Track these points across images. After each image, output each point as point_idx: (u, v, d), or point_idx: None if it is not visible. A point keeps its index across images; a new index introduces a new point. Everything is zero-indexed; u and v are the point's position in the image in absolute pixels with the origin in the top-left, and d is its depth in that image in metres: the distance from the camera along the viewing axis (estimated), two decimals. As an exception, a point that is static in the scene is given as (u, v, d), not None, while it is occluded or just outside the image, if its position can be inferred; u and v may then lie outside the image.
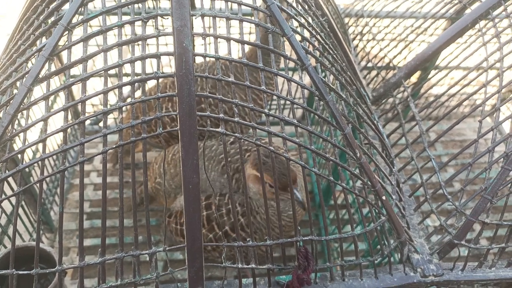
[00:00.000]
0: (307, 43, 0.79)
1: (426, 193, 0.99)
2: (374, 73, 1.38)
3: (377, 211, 0.86)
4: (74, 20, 0.68)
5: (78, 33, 0.68)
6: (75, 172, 1.72)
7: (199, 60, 1.45)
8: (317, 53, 0.81)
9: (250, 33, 1.71)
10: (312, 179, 1.75)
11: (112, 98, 1.69)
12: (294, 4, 0.81)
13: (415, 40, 1.40)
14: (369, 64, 1.40)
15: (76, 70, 0.69)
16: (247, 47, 1.30)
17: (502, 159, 0.91)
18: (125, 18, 0.69)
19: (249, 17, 0.73)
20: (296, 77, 1.50)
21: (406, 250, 0.91)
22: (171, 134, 1.38)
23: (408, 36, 1.42)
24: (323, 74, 0.83)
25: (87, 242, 1.54)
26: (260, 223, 1.16)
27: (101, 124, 1.78)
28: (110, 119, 1.91)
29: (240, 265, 0.79)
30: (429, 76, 1.70)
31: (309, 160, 1.79)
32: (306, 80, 1.64)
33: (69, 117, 0.69)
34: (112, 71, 0.68)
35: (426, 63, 1.19)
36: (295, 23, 0.78)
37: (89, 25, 0.70)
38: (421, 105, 2.01)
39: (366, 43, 1.46)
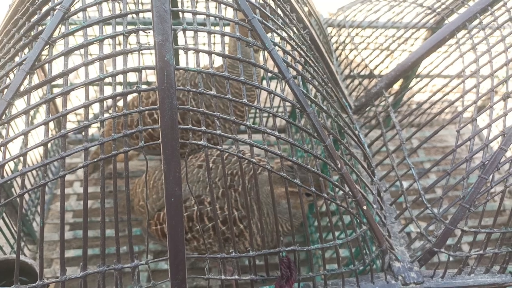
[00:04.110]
0: (288, 56, 0.80)
1: (406, 201, 1.00)
2: (357, 81, 1.41)
3: (358, 220, 0.87)
4: (56, 34, 0.69)
5: (61, 43, 0.68)
6: (58, 182, 1.71)
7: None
8: (298, 66, 0.82)
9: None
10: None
11: (97, 107, 1.68)
12: (275, 18, 0.82)
13: (397, 49, 1.43)
14: (353, 73, 1.42)
15: (61, 80, 0.69)
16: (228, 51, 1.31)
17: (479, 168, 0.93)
18: (109, 29, 0.69)
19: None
20: (279, 85, 1.51)
21: (387, 258, 0.92)
22: (152, 136, 1.39)
23: (390, 46, 1.44)
24: (305, 86, 0.85)
25: (70, 253, 1.52)
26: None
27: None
28: (95, 128, 1.90)
29: (223, 277, 0.80)
30: (412, 84, 1.73)
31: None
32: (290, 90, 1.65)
33: (52, 127, 0.69)
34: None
35: (406, 73, 1.21)
36: (277, 37, 0.79)
37: (73, 36, 0.70)
38: (403, 113, 2.05)
39: (349, 52, 1.49)
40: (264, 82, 1.73)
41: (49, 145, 1.67)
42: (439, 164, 1.98)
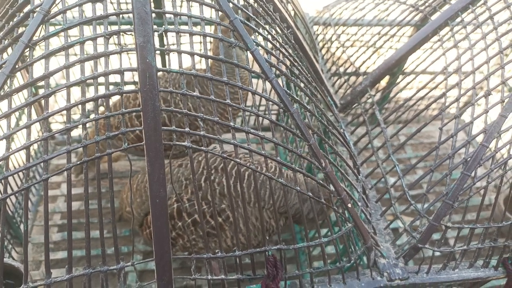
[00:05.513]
0: (271, 56, 0.80)
1: (391, 198, 1.02)
2: (343, 79, 1.41)
3: (343, 218, 0.88)
4: (37, 35, 0.68)
5: (43, 44, 0.68)
6: (46, 183, 1.69)
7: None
8: (281, 66, 0.83)
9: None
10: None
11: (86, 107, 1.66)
12: (258, 18, 0.82)
13: (383, 46, 1.44)
14: (339, 71, 1.43)
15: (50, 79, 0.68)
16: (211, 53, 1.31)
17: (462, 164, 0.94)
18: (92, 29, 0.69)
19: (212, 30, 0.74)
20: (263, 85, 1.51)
21: (373, 255, 0.93)
22: (140, 138, 1.38)
23: (376, 43, 1.45)
24: (289, 86, 0.85)
25: (59, 254, 1.51)
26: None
27: (72, 134, 1.75)
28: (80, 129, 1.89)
29: (209, 277, 0.80)
30: (398, 81, 1.74)
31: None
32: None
33: (39, 128, 0.69)
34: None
35: (390, 71, 1.22)
36: (259, 37, 0.79)
37: (58, 36, 0.69)
38: (391, 109, 2.06)
39: (336, 50, 1.49)
40: (254, 81, 1.73)
41: (35, 146, 1.66)
42: (427, 160, 2.00)
